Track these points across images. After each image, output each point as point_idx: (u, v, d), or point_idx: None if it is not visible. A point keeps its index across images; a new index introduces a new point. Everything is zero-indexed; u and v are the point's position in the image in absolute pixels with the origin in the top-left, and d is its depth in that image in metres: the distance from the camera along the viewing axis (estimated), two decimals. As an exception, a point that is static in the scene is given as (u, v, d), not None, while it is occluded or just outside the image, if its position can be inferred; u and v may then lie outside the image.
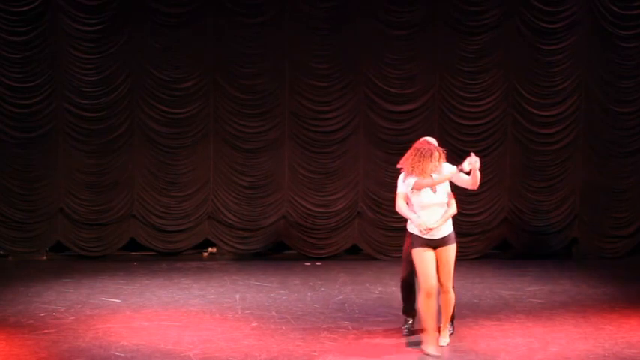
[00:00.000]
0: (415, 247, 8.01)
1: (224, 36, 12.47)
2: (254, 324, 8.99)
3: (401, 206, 8.09)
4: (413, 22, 12.62)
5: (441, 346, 8.05)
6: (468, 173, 8.03)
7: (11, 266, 12.16)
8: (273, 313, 9.44)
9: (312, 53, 12.60)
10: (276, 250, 13.07)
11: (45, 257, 12.63)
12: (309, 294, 10.46)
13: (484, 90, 12.82)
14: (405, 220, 8.28)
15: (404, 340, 8.44)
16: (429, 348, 7.92)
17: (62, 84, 12.34)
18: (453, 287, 8.20)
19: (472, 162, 7.90)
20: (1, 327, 8.75)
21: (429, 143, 8.09)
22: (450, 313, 8.25)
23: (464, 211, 12.90)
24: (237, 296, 10.30)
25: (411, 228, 8.10)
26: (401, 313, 8.77)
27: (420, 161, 7.90)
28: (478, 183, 8.04)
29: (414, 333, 8.52)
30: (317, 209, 12.75)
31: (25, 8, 12.12)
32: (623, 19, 12.71)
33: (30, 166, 12.45)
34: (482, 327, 8.92)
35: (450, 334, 8.31)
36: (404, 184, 8.04)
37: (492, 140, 12.92)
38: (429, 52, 12.69)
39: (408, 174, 7.98)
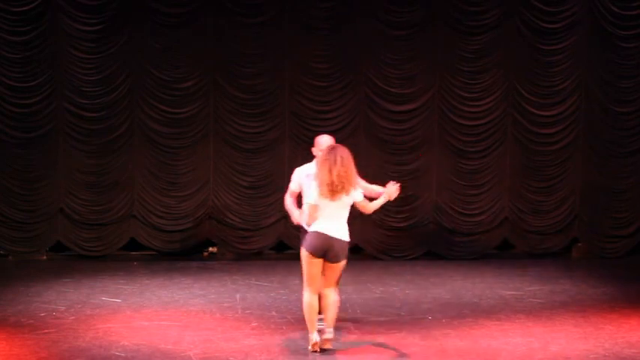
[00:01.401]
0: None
1: (224, 36, 12.47)
2: (254, 324, 8.99)
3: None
4: (413, 22, 12.63)
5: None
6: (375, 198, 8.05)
7: (11, 266, 12.16)
8: (274, 313, 9.43)
9: (312, 53, 12.60)
10: (276, 250, 13.08)
11: (45, 257, 12.63)
12: (309, 294, 10.44)
13: (484, 90, 12.83)
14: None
15: (405, 339, 8.44)
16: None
17: (62, 84, 12.34)
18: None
19: (391, 194, 8.02)
20: (1, 327, 8.74)
21: (332, 149, 7.91)
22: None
23: (464, 211, 12.96)
24: (238, 296, 10.29)
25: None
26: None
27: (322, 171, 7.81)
28: (372, 210, 8.19)
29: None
30: (317, 209, 12.73)
31: (25, 8, 12.12)
32: (623, 19, 12.72)
33: (30, 166, 12.45)
34: (482, 327, 8.92)
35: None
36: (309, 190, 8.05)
37: (492, 140, 12.93)
38: (429, 52, 12.70)
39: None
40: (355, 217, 12.86)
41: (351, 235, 13.08)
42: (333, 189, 7.77)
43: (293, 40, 12.59)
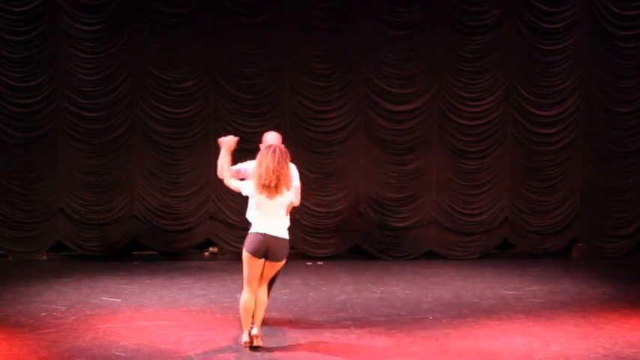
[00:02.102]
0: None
1: (224, 36, 12.47)
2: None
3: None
4: (413, 22, 12.63)
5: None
6: None
7: (11, 266, 12.16)
8: (274, 313, 9.43)
9: (312, 53, 12.60)
10: (277, 250, 13.05)
11: (45, 257, 12.63)
12: (310, 294, 10.46)
13: (484, 90, 12.83)
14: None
15: (406, 339, 8.44)
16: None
17: (62, 84, 12.34)
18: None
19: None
20: (1, 327, 8.74)
21: (269, 147, 7.97)
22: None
23: (464, 211, 12.96)
24: (238, 296, 10.25)
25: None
26: None
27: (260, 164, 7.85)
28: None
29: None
30: (318, 209, 12.75)
31: (25, 8, 12.12)
32: (623, 19, 12.73)
33: (30, 165, 12.44)
34: (482, 327, 8.92)
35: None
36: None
37: (492, 140, 12.93)
38: (429, 52, 12.70)
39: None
40: (356, 216, 12.98)
41: (351, 235, 13.07)
42: (269, 187, 7.80)
43: (293, 40, 12.59)
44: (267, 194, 7.85)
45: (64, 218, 12.59)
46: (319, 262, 12.50)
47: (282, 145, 8.16)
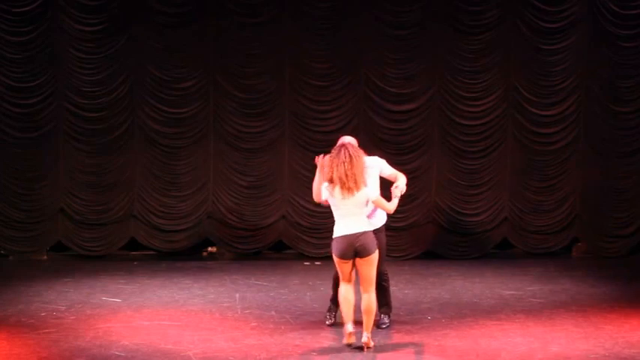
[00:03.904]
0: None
1: (224, 36, 12.47)
2: (254, 324, 8.99)
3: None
4: (413, 21, 12.63)
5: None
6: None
7: (12, 266, 12.16)
8: (273, 312, 9.44)
9: (312, 53, 12.60)
10: (276, 249, 13.08)
11: (46, 257, 12.64)
12: (308, 294, 10.46)
13: (484, 90, 12.83)
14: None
15: (404, 340, 8.45)
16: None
17: (63, 84, 12.35)
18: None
19: (396, 192, 8.11)
20: (1, 326, 8.75)
21: (340, 147, 7.98)
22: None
23: (464, 211, 12.96)
24: (237, 296, 10.30)
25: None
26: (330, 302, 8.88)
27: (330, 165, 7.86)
28: (393, 210, 8.16)
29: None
30: (317, 209, 12.73)
31: (25, 8, 12.12)
32: (623, 19, 12.72)
33: (30, 166, 12.45)
34: (482, 327, 8.92)
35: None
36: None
37: (492, 140, 12.93)
38: (429, 52, 12.70)
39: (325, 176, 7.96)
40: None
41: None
42: (341, 187, 7.79)
43: (293, 40, 12.59)
44: (340, 195, 7.83)
45: (65, 218, 12.59)
46: (317, 262, 12.50)
47: (354, 144, 8.09)
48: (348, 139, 8.54)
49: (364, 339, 7.92)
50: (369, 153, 8.57)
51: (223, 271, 11.82)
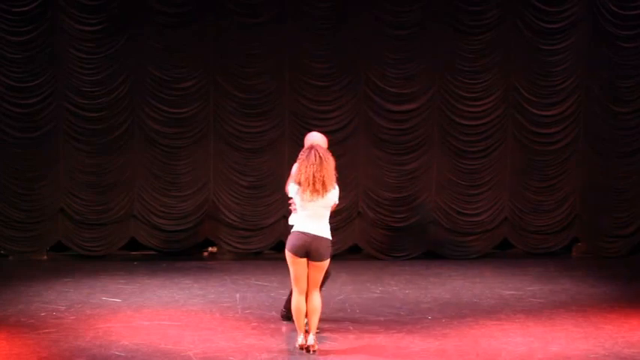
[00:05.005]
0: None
1: (224, 36, 12.47)
2: (254, 324, 9.00)
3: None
4: (413, 21, 12.63)
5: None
6: None
7: (12, 266, 12.16)
8: (274, 313, 9.44)
9: (312, 53, 12.60)
10: (277, 249, 13.07)
11: (46, 257, 12.63)
12: (309, 294, 10.45)
13: (484, 90, 12.83)
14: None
15: (405, 339, 8.45)
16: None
17: (63, 84, 12.34)
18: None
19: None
20: (1, 326, 8.75)
21: (311, 148, 7.96)
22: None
23: (464, 211, 12.96)
24: (238, 296, 10.30)
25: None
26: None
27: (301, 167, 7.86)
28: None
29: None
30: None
31: (25, 8, 12.11)
32: (623, 19, 12.73)
33: (30, 166, 12.44)
34: (482, 327, 8.93)
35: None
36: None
37: (492, 140, 12.93)
38: (429, 52, 12.70)
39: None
40: (355, 216, 12.98)
41: (351, 235, 13.07)
42: (311, 189, 7.81)
43: (293, 40, 12.59)
44: (310, 196, 7.85)
45: (65, 218, 12.59)
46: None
47: (323, 146, 8.12)
48: (317, 137, 8.55)
49: (310, 341, 7.96)
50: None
51: (224, 271, 11.82)
